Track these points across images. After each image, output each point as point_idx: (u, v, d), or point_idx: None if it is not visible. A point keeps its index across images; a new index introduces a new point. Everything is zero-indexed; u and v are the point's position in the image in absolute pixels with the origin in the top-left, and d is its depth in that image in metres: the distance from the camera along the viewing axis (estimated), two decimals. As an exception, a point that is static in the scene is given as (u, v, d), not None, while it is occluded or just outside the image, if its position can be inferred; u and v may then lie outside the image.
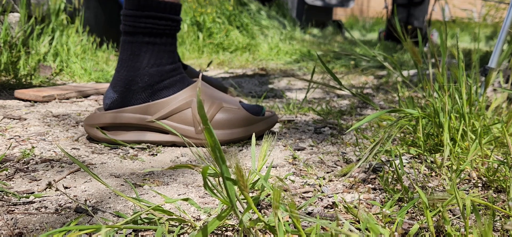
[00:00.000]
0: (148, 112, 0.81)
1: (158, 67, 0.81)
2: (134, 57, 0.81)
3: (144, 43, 0.80)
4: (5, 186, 0.58)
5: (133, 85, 0.81)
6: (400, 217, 0.48)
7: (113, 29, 2.38)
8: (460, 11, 6.06)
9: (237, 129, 0.84)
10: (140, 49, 0.80)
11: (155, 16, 0.79)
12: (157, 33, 0.81)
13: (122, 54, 0.82)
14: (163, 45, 0.82)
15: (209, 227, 0.39)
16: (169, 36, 0.82)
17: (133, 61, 0.81)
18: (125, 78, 0.81)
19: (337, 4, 4.74)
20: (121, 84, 0.81)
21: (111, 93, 0.82)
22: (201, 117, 0.35)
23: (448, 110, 0.69)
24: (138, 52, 0.80)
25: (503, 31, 1.02)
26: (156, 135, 0.81)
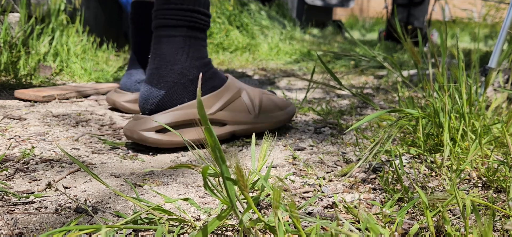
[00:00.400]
0: (207, 106, 0.80)
1: (201, 60, 0.81)
2: (179, 51, 0.78)
3: (188, 37, 0.78)
4: (5, 186, 0.58)
5: (181, 78, 0.78)
6: (400, 217, 0.48)
7: (113, 29, 2.38)
8: (460, 11, 6.06)
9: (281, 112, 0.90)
10: (184, 43, 0.78)
11: (198, 11, 0.79)
12: (198, 27, 0.80)
13: (161, 49, 0.78)
14: (202, 40, 0.82)
15: (209, 227, 0.39)
16: (203, 31, 0.82)
17: (179, 54, 0.78)
18: (172, 72, 0.78)
19: (337, 4, 4.74)
20: (169, 79, 0.77)
21: (154, 91, 0.77)
22: (201, 116, 0.35)
23: (448, 110, 0.69)
24: (183, 46, 0.78)
25: (503, 31, 1.02)
26: (214, 128, 0.78)
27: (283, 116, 0.90)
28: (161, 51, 0.78)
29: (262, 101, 0.86)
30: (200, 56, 0.81)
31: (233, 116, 0.81)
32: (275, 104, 0.89)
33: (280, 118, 0.89)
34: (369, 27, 6.71)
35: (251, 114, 0.84)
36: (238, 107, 0.83)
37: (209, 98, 0.80)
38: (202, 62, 0.81)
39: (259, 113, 0.85)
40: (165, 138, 0.75)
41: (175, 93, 0.78)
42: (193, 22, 0.79)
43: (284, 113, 0.91)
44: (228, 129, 0.81)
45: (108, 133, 0.89)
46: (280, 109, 0.90)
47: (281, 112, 0.90)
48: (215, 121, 0.80)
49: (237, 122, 0.82)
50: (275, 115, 0.88)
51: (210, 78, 0.82)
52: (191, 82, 0.79)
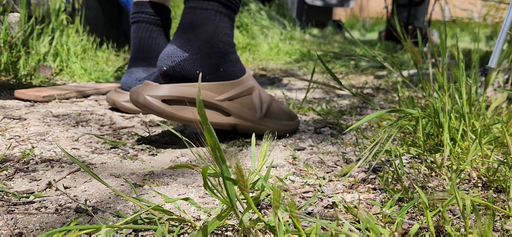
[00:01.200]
0: (216, 91, 0.79)
1: (228, 38, 0.81)
2: (209, 21, 0.78)
3: (219, 12, 0.79)
4: (5, 186, 0.58)
5: (208, 47, 0.78)
6: (400, 217, 0.48)
7: (113, 29, 2.38)
8: (460, 11, 6.06)
9: (287, 122, 0.90)
10: (215, 16, 0.79)
11: None
12: (231, 7, 0.81)
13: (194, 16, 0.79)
14: (230, 19, 0.82)
15: (209, 227, 0.39)
16: (234, 12, 0.83)
17: (209, 24, 0.78)
18: (199, 39, 0.78)
19: (337, 4, 4.74)
20: (195, 44, 0.78)
21: (177, 51, 0.77)
22: (201, 116, 0.35)
23: (448, 110, 0.69)
24: (214, 18, 0.79)
25: (503, 31, 1.02)
26: (218, 115, 0.79)
27: (287, 127, 0.90)
28: (192, 20, 0.79)
29: (271, 106, 0.86)
30: (228, 33, 0.82)
31: (239, 110, 0.81)
32: (283, 112, 0.89)
33: (284, 127, 0.89)
34: (369, 27, 6.71)
35: (257, 114, 0.83)
36: (247, 103, 0.82)
37: (223, 84, 0.79)
38: (229, 40, 0.81)
39: (264, 116, 0.85)
40: (170, 110, 0.74)
41: (197, 59, 0.78)
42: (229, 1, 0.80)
43: (291, 124, 0.90)
44: (231, 120, 0.81)
45: (108, 133, 0.89)
46: (288, 119, 0.90)
47: (287, 122, 0.90)
48: (220, 108, 0.80)
49: (241, 117, 0.82)
50: (280, 122, 0.88)
51: (232, 61, 0.82)
52: (215, 54, 0.79)
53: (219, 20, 0.79)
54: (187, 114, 0.76)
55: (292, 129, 0.91)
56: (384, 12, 4.69)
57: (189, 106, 0.76)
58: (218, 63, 0.79)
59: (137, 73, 1.11)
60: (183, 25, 0.80)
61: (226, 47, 0.80)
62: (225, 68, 0.80)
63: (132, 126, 0.95)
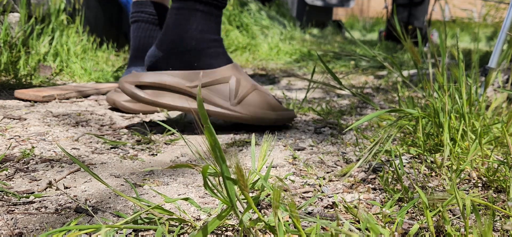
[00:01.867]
0: (189, 78, 0.82)
1: (205, 34, 0.84)
2: (183, 21, 0.83)
3: (194, 9, 0.83)
4: (5, 186, 0.58)
5: (179, 46, 0.83)
6: (400, 217, 0.48)
7: (113, 29, 2.38)
8: (460, 11, 6.06)
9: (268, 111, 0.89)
10: (189, 14, 0.83)
11: None
12: (210, 3, 0.84)
13: (170, 19, 0.84)
14: (210, 14, 0.85)
15: (209, 226, 0.39)
16: (217, 8, 0.86)
17: (182, 24, 0.83)
18: (172, 39, 0.83)
19: (337, 4, 4.74)
20: (168, 44, 0.83)
21: (155, 51, 0.84)
22: (201, 115, 0.35)
23: (448, 110, 0.69)
24: (188, 17, 0.83)
25: (503, 31, 1.02)
26: (190, 101, 0.82)
27: (264, 115, 0.88)
28: (168, 21, 0.85)
29: (248, 94, 0.86)
30: (206, 30, 0.84)
31: (210, 96, 0.83)
32: (265, 102, 0.88)
33: (263, 116, 0.87)
34: (369, 27, 6.71)
35: (229, 101, 0.85)
36: (219, 90, 0.84)
37: (194, 73, 0.82)
38: (205, 36, 0.84)
39: (237, 103, 0.85)
40: (142, 94, 0.79)
41: (170, 58, 0.82)
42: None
43: (269, 114, 0.89)
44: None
45: (108, 133, 0.89)
46: (269, 109, 0.89)
47: (265, 111, 0.88)
48: (191, 94, 0.83)
49: (212, 102, 0.84)
50: (256, 111, 0.87)
51: (209, 56, 0.84)
52: (188, 52, 0.83)
53: (194, 17, 0.83)
54: (160, 100, 0.80)
55: (271, 120, 0.90)
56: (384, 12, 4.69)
57: (165, 92, 0.81)
58: (192, 59, 0.83)
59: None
60: (165, 24, 0.85)
61: (201, 44, 0.83)
62: (200, 63, 0.83)
63: (132, 126, 0.95)
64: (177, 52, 0.83)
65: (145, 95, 0.80)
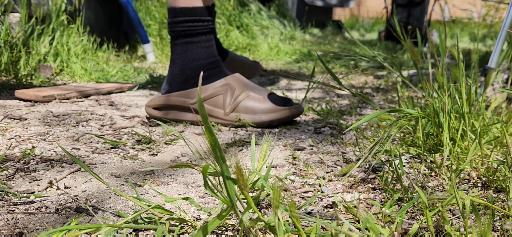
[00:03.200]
0: (189, 97, 0.99)
1: (198, 61, 1.00)
2: (179, 56, 1.00)
3: (184, 43, 0.99)
4: (6, 186, 0.58)
5: (179, 78, 1.01)
6: (400, 217, 0.48)
7: (113, 29, 2.38)
8: (460, 11, 6.06)
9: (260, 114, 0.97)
10: (182, 48, 1.00)
11: (188, 20, 0.98)
12: (192, 33, 0.99)
13: (172, 54, 1.02)
14: (199, 42, 1.00)
15: (209, 226, 0.39)
16: (204, 34, 1.00)
17: (179, 59, 1.00)
18: (173, 73, 1.01)
19: (337, 4, 4.74)
20: (171, 77, 1.02)
21: (165, 85, 1.03)
22: (201, 116, 0.35)
23: (448, 110, 0.69)
24: (180, 52, 1.00)
25: (502, 31, 1.03)
26: (194, 115, 0.99)
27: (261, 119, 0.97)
28: (171, 56, 1.03)
29: (240, 102, 0.98)
30: (197, 58, 1.00)
31: (209, 110, 0.99)
32: (257, 107, 0.98)
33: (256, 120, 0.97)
34: (369, 27, 6.71)
35: (223, 110, 0.98)
36: (216, 103, 0.99)
37: (194, 91, 0.99)
38: (199, 63, 1.00)
39: (230, 112, 0.98)
40: (157, 114, 1.01)
41: (174, 88, 1.01)
42: (185, 31, 0.99)
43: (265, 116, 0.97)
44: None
45: (109, 133, 0.89)
46: (262, 113, 0.97)
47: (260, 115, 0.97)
48: (193, 109, 0.99)
49: (210, 115, 0.99)
50: (250, 116, 0.97)
51: (204, 78, 1.00)
52: (186, 81, 1.00)
53: (185, 51, 1.00)
54: (170, 116, 1.01)
55: (264, 122, 0.97)
56: (384, 12, 4.69)
57: (172, 111, 1.01)
58: (191, 85, 1.00)
59: None
60: (170, 60, 1.03)
61: (194, 71, 1.00)
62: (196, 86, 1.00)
63: (132, 126, 0.95)
64: (179, 82, 1.00)
65: (157, 113, 1.01)
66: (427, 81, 0.80)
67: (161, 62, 2.41)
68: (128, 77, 1.68)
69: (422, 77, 0.84)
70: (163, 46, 2.78)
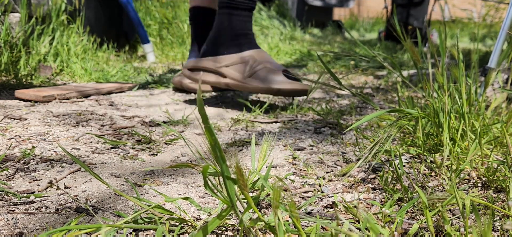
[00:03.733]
0: (218, 61, 1.17)
1: (234, 31, 1.17)
2: (220, 23, 1.18)
3: (229, 14, 1.16)
4: (6, 186, 0.58)
5: (216, 41, 1.18)
6: (400, 217, 0.48)
7: (113, 29, 2.38)
8: (460, 11, 6.06)
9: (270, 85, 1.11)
10: (225, 18, 1.17)
11: None
12: (234, 6, 1.16)
13: (215, 22, 1.19)
14: (240, 16, 1.18)
15: (209, 226, 0.39)
16: (244, 10, 1.18)
17: (219, 25, 1.18)
18: (213, 36, 1.19)
19: (337, 4, 4.74)
20: (210, 40, 1.20)
21: (204, 46, 1.21)
22: (201, 116, 0.35)
23: (448, 110, 0.69)
24: (223, 20, 1.17)
25: (502, 31, 1.03)
26: (218, 77, 1.16)
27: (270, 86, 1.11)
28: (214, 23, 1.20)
29: (258, 70, 1.13)
30: (236, 27, 1.17)
31: (230, 72, 1.14)
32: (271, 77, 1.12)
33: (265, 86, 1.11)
34: (369, 27, 6.71)
35: (243, 75, 1.13)
36: (239, 69, 1.15)
37: (223, 57, 1.17)
38: (234, 32, 1.17)
39: (248, 77, 1.13)
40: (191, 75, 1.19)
41: (211, 49, 1.18)
42: (233, 3, 1.16)
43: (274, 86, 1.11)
44: (225, 80, 1.15)
45: (109, 133, 0.89)
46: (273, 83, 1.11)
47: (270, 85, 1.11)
48: (219, 73, 1.16)
49: (230, 76, 1.15)
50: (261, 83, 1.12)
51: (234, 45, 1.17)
52: (221, 45, 1.18)
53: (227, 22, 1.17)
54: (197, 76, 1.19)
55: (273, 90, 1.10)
56: (384, 12, 4.69)
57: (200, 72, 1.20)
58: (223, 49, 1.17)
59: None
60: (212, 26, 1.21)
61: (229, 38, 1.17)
62: (228, 51, 1.16)
63: (132, 126, 0.95)
64: (215, 45, 1.18)
65: (188, 73, 1.20)
66: (427, 81, 0.80)
67: (161, 62, 2.41)
68: (128, 77, 1.68)
69: (422, 77, 0.84)
70: (163, 46, 2.78)
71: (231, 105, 1.25)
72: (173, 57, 2.58)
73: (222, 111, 1.17)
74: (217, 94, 1.45)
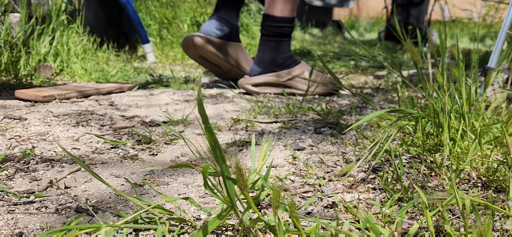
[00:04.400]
0: (280, 76, 1.45)
1: (283, 54, 1.46)
2: (272, 49, 1.45)
3: (277, 40, 1.45)
4: (6, 186, 0.58)
5: (271, 64, 1.46)
6: (400, 217, 0.48)
7: (113, 30, 2.38)
8: (460, 11, 6.06)
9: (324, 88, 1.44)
10: (275, 44, 1.45)
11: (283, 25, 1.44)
12: (284, 34, 1.45)
13: (264, 46, 1.47)
14: (284, 41, 1.46)
15: (209, 226, 0.39)
16: (287, 36, 1.46)
17: (272, 50, 1.45)
18: (267, 60, 1.46)
19: (337, 4, 4.74)
20: (265, 63, 1.46)
21: (256, 68, 1.48)
22: (201, 116, 0.35)
23: (448, 110, 0.69)
24: (274, 46, 1.45)
25: (502, 31, 1.03)
26: (281, 89, 1.44)
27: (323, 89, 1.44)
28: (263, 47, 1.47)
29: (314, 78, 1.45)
30: (283, 51, 1.46)
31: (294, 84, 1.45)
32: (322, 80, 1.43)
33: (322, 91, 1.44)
34: (369, 27, 6.71)
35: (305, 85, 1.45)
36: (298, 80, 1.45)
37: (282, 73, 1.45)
38: (284, 55, 1.46)
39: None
40: (256, 89, 1.44)
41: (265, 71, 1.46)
42: (279, 32, 1.44)
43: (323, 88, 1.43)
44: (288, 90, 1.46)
45: (109, 133, 0.89)
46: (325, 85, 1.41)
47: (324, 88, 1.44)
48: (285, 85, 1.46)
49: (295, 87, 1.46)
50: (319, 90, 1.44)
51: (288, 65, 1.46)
52: (278, 66, 1.46)
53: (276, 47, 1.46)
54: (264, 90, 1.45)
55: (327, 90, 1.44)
56: (384, 12, 4.69)
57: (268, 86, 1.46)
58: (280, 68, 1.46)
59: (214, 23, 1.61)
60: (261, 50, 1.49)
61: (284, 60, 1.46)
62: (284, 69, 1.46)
63: (132, 126, 0.95)
64: (272, 66, 1.46)
65: (256, 89, 1.44)
66: (427, 81, 0.80)
67: (161, 62, 2.41)
68: (128, 77, 1.68)
69: (422, 77, 0.84)
70: (163, 46, 2.78)
71: (231, 105, 1.25)
72: (173, 57, 2.58)
73: (222, 111, 1.17)
74: (217, 93, 1.45)
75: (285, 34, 1.44)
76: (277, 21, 1.42)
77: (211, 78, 1.86)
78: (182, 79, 1.70)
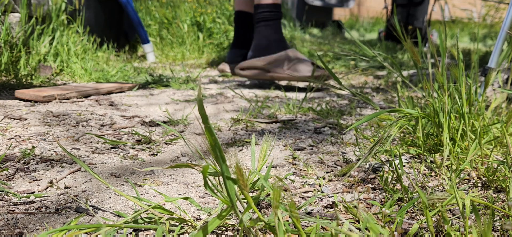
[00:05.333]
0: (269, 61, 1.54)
1: (270, 37, 1.59)
2: (259, 34, 1.61)
3: (264, 26, 1.60)
4: (6, 186, 0.58)
5: (260, 48, 1.58)
6: (400, 217, 0.48)
7: (113, 29, 2.38)
8: (460, 11, 6.06)
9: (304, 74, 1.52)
10: (262, 29, 1.60)
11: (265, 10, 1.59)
12: (265, 18, 1.59)
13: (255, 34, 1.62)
14: (271, 26, 1.59)
15: (209, 226, 0.39)
16: (274, 20, 1.60)
17: (260, 35, 1.60)
18: (256, 45, 1.60)
19: (337, 4, 4.74)
20: (254, 48, 1.61)
21: (250, 53, 1.61)
22: (201, 116, 0.35)
23: (448, 110, 0.69)
24: (261, 31, 1.60)
25: (502, 31, 1.03)
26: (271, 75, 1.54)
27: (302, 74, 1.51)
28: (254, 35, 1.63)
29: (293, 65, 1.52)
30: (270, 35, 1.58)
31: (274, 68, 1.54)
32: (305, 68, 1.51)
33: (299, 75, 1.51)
34: (369, 27, 6.71)
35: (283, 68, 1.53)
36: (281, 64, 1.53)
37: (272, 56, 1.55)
38: (271, 38, 1.59)
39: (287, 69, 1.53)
40: (242, 72, 1.60)
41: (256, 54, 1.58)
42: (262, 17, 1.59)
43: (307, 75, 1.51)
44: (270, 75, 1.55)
45: (109, 133, 0.89)
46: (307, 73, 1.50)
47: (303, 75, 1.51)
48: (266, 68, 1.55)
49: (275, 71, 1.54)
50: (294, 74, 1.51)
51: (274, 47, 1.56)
52: (263, 49, 1.58)
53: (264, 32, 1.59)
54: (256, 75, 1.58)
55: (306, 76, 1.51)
56: (384, 12, 4.69)
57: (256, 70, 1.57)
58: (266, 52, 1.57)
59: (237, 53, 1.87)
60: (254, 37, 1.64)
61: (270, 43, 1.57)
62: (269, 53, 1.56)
63: (132, 126, 0.95)
64: (259, 50, 1.58)
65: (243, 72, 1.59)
66: (427, 81, 0.80)
67: (161, 62, 2.41)
68: (128, 77, 1.68)
69: (422, 77, 0.84)
70: (163, 46, 2.78)
71: (231, 105, 1.25)
72: (173, 57, 2.58)
73: (222, 111, 1.17)
74: (217, 93, 1.45)
75: (267, 18, 1.58)
76: (260, 7, 1.59)
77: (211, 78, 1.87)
78: (182, 79, 1.70)
